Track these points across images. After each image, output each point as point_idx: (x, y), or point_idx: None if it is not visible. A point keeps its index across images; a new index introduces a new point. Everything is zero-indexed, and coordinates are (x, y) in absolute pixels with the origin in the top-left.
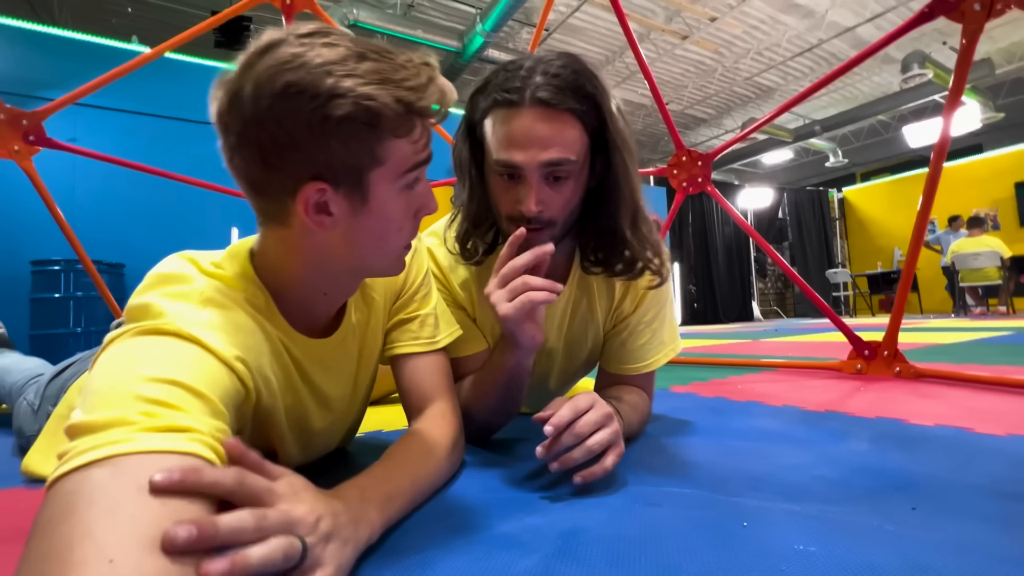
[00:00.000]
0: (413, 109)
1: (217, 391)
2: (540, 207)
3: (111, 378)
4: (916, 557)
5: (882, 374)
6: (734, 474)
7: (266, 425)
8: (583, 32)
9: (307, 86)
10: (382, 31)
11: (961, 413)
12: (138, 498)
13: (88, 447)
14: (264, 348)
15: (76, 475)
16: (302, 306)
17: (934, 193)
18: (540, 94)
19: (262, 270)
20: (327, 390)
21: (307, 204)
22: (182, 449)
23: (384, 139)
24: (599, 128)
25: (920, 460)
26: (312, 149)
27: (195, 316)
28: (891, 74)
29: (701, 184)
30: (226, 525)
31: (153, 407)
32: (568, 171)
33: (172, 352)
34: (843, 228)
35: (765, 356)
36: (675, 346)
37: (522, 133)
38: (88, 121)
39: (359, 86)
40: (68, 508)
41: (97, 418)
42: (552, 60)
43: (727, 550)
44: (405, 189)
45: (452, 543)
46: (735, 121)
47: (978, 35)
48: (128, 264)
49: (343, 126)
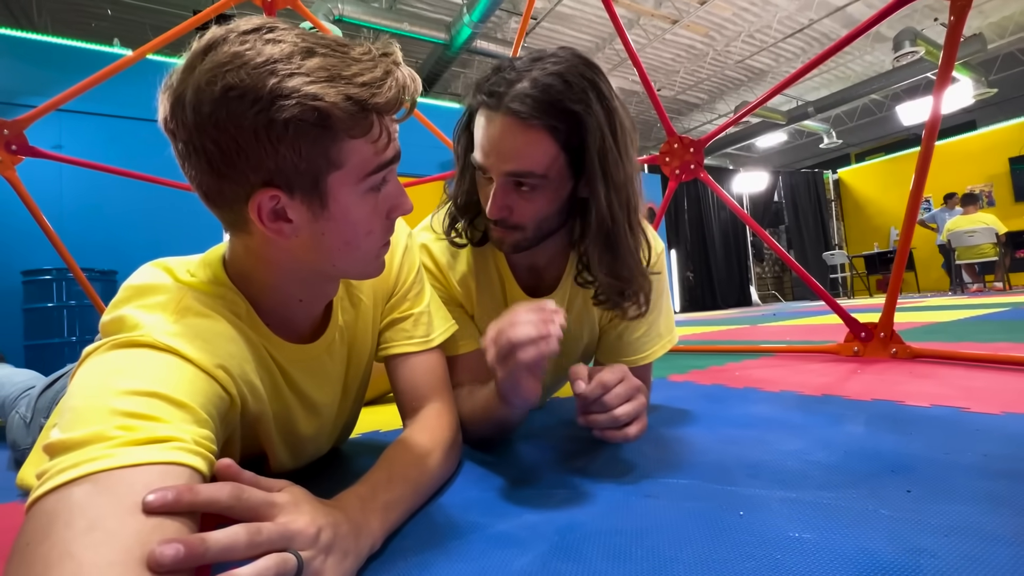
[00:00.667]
0: (367, 107)
1: (199, 399)
2: (502, 213)
3: (86, 394)
4: (911, 540)
5: (879, 355)
6: (731, 462)
7: (256, 431)
8: (572, 20)
9: (248, 88)
10: (368, 25)
11: (956, 392)
12: (118, 515)
13: (67, 465)
14: (247, 355)
15: (55, 495)
16: (280, 312)
17: (926, 172)
18: (513, 105)
19: (235, 277)
20: (314, 396)
21: (260, 212)
22: (162, 460)
23: (339, 141)
24: (581, 147)
25: (915, 442)
26: (260, 155)
27: (171, 327)
28: (883, 52)
29: (694, 171)
30: (216, 542)
31: (131, 420)
32: (534, 183)
33: (147, 364)
34: (839, 209)
35: (763, 341)
36: (672, 337)
37: (489, 140)
38: (73, 127)
39: (305, 85)
40: (47, 528)
41: (74, 436)
42: (547, 66)
43: (724, 540)
44: (370, 192)
45: (448, 544)
46: (728, 105)
47: (966, 11)
48: (120, 271)
49: (290, 130)
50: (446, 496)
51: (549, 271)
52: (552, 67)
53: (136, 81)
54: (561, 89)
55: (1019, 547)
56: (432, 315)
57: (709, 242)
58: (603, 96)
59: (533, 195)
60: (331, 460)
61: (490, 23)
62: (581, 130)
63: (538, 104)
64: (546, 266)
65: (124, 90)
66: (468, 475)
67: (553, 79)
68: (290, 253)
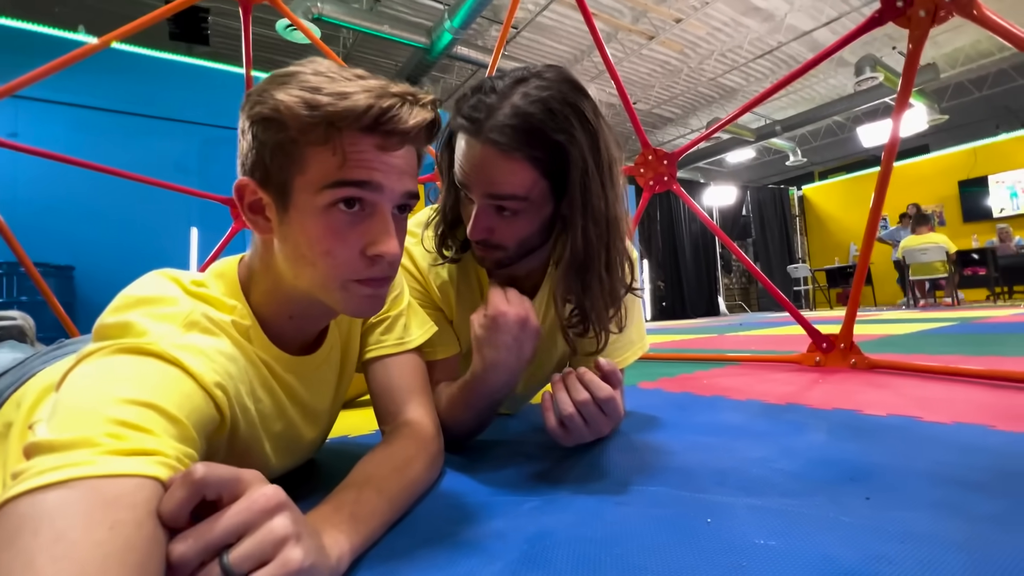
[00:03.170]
0: (320, 112)
1: (192, 417)
2: (484, 234)
3: (84, 396)
4: (872, 548)
5: (839, 366)
6: (700, 469)
7: (244, 454)
8: (551, 30)
9: (253, 91)
10: (347, 25)
11: (911, 403)
12: (86, 527)
13: (47, 468)
14: (247, 376)
15: (29, 497)
16: (279, 324)
17: (885, 191)
18: (493, 136)
19: (245, 287)
20: (314, 405)
21: (242, 197)
22: (141, 472)
23: (300, 145)
24: (564, 172)
25: (873, 450)
26: (244, 147)
27: (178, 339)
28: (845, 77)
29: (667, 183)
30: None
31: (122, 429)
32: (516, 207)
33: (150, 374)
34: (803, 225)
35: (730, 350)
36: (643, 344)
37: (470, 165)
38: (31, 115)
39: (282, 92)
40: (14, 534)
41: (62, 437)
42: (529, 91)
43: (692, 548)
44: (332, 209)
45: (415, 553)
46: (700, 121)
47: (923, 40)
48: (78, 266)
49: (259, 126)
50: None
51: (528, 281)
52: (535, 92)
53: (101, 70)
54: (543, 119)
55: (971, 553)
56: (410, 318)
57: (680, 252)
58: (586, 121)
59: (515, 218)
60: (302, 469)
61: (471, 30)
62: (563, 160)
63: (519, 135)
64: (525, 277)
65: (88, 78)
66: (436, 482)
67: (535, 107)
68: (274, 258)
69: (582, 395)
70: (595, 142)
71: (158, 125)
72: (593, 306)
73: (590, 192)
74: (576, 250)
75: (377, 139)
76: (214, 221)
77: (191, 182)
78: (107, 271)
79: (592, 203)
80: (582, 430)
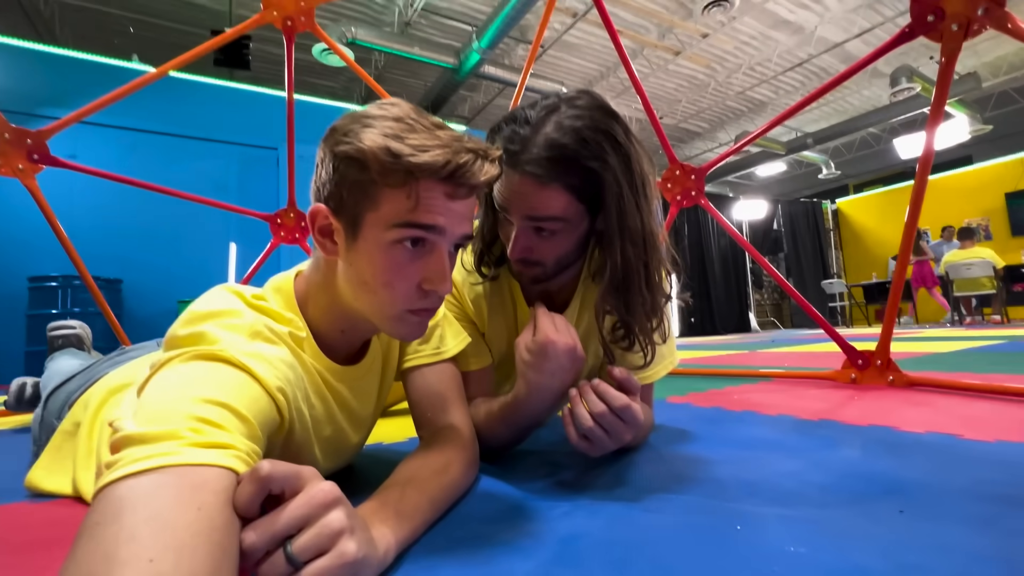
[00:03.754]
0: (401, 162)
1: (259, 417)
2: (524, 253)
3: (167, 395)
4: (902, 557)
5: (875, 383)
6: (729, 481)
7: (295, 455)
8: (578, 49)
9: (338, 126)
10: (380, 48)
11: (951, 420)
12: (176, 505)
13: (139, 457)
14: (303, 383)
15: (125, 482)
16: (331, 336)
17: (920, 205)
18: (530, 168)
19: (300, 302)
20: (360, 411)
21: (314, 220)
22: (221, 463)
23: (376, 183)
24: (598, 197)
25: (909, 466)
26: (324, 176)
27: (245, 346)
28: (880, 88)
29: (695, 197)
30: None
31: (202, 425)
32: (554, 227)
33: (223, 378)
34: (838, 239)
35: (761, 366)
36: (673, 359)
37: (510, 192)
38: (88, 138)
39: (367, 134)
40: (117, 512)
41: (150, 431)
42: (562, 120)
43: (722, 552)
44: (398, 245)
45: (454, 550)
46: (728, 134)
47: (957, 53)
48: (125, 279)
49: (342, 162)
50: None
51: (560, 295)
52: (568, 122)
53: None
54: (576, 148)
55: (1007, 566)
56: (445, 329)
57: (709, 268)
58: (618, 145)
59: (553, 237)
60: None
61: (498, 49)
62: (598, 184)
63: (554, 165)
64: (558, 291)
65: (140, 104)
66: (473, 486)
67: (568, 137)
68: (338, 277)
69: (599, 407)
70: (628, 164)
71: (199, 146)
72: (636, 321)
73: (625, 213)
74: (616, 271)
75: (448, 188)
76: (252, 236)
77: (230, 199)
78: (153, 284)
79: (628, 224)
80: (604, 440)
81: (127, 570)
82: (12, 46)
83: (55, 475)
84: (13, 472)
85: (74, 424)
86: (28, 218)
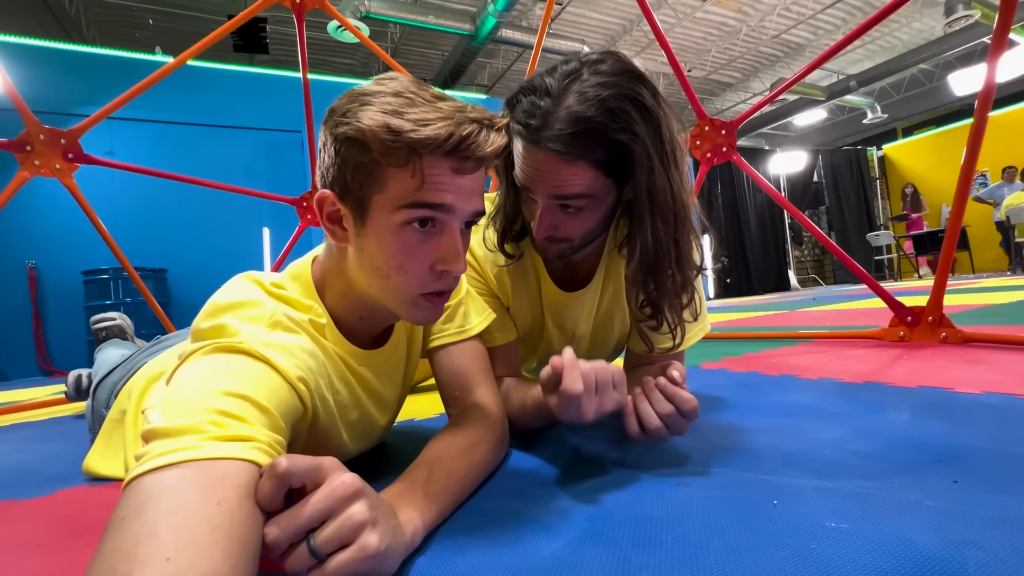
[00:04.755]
0: (402, 138)
1: (280, 407)
2: (550, 232)
3: (189, 388)
4: (956, 532)
5: (927, 340)
6: (765, 451)
7: (323, 440)
8: (597, 3)
9: (336, 107)
10: (394, 20)
11: (1012, 379)
12: (196, 500)
13: (163, 451)
14: (325, 370)
15: (150, 476)
16: (350, 321)
17: (979, 145)
18: (553, 145)
19: (319, 288)
20: (385, 394)
21: (321, 207)
22: (242, 456)
23: (379, 164)
24: (626, 169)
25: (964, 431)
26: (327, 162)
27: (265, 337)
28: (933, 18)
29: (726, 153)
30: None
31: (223, 418)
32: (581, 204)
33: (244, 369)
34: (884, 188)
35: (801, 327)
36: (704, 325)
37: (533, 170)
38: (123, 134)
39: (366, 113)
40: (141, 507)
41: (173, 424)
42: (585, 89)
43: (756, 529)
44: (407, 227)
45: (482, 530)
46: (763, 83)
47: None
48: (170, 268)
49: (343, 144)
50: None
51: (583, 266)
52: (592, 91)
53: (178, 87)
54: (602, 121)
55: None
56: (469, 306)
57: (744, 226)
58: (647, 112)
59: (579, 213)
60: (376, 450)
61: (515, 11)
62: (626, 157)
63: (579, 141)
64: (581, 262)
65: (166, 96)
66: (502, 463)
67: (593, 109)
68: (350, 264)
69: (667, 407)
70: (658, 131)
71: (227, 134)
72: (666, 299)
73: (656, 187)
74: (647, 250)
75: (454, 163)
76: (284, 220)
77: (260, 185)
78: (195, 272)
79: (659, 198)
80: (664, 435)
81: (146, 569)
82: (43, 48)
83: (109, 460)
84: (76, 457)
85: (120, 412)
86: (80, 215)
